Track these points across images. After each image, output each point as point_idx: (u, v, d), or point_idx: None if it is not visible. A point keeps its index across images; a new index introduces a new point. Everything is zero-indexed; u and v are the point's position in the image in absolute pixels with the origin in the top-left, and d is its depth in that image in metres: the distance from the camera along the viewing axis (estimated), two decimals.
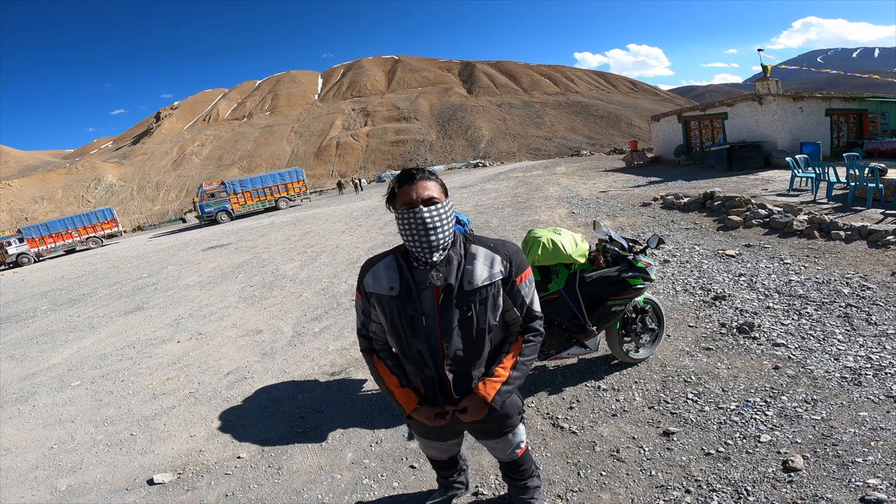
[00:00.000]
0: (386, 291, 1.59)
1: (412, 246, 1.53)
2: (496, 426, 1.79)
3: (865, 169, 7.10)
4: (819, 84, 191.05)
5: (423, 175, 1.54)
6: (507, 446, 1.89)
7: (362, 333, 1.73)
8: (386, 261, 1.63)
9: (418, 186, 1.51)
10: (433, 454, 2.10)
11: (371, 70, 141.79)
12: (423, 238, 1.49)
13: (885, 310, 3.80)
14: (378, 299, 1.61)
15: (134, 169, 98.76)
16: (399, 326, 1.59)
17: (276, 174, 28.86)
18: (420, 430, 1.89)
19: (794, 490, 2.15)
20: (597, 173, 18.20)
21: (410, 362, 1.65)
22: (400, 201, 1.53)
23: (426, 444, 2.02)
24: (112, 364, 5.28)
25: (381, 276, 1.61)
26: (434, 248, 1.51)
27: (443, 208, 1.52)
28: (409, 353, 1.62)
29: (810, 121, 14.48)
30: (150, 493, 2.85)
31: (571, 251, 3.08)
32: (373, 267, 1.65)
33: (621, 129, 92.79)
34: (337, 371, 4.16)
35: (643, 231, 7.63)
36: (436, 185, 1.55)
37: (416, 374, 1.65)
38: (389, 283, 1.59)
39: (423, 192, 1.51)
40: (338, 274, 7.85)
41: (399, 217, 1.52)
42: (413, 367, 1.65)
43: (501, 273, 1.59)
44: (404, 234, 1.52)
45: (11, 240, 23.20)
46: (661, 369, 3.38)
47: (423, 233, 1.48)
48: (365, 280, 1.65)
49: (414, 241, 1.51)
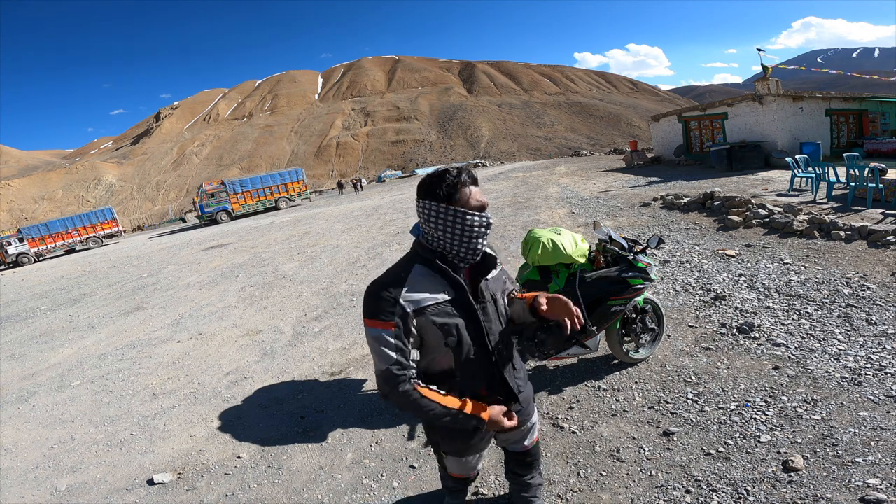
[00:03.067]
0: (444, 296, 1.49)
1: (459, 248, 1.49)
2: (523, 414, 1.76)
3: (865, 169, 7.10)
4: (819, 84, 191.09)
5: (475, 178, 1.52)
6: (524, 434, 1.86)
7: (402, 365, 1.43)
8: (417, 270, 1.50)
9: (480, 191, 1.51)
10: (466, 472, 1.99)
11: (371, 70, 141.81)
12: (477, 241, 1.49)
13: (885, 310, 3.80)
14: (435, 310, 1.47)
15: (134, 169, 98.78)
16: (469, 329, 1.52)
17: (276, 174, 28.87)
18: (462, 448, 1.77)
19: (794, 490, 2.15)
20: (597, 173, 18.20)
21: (469, 369, 1.56)
22: (471, 204, 1.47)
23: (464, 463, 1.92)
24: (112, 364, 5.28)
25: (427, 285, 1.48)
26: (478, 253, 1.53)
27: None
28: (474, 356, 1.55)
29: (810, 121, 14.48)
30: (150, 492, 2.85)
31: (571, 251, 3.08)
32: (405, 283, 1.47)
33: (621, 129, 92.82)
34: (337, 371, 4.16)
35: (643, 231, 7.63)
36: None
37: (478, 378, 1.58)
38: (442, 287, 1.49)
39: (483, 197, 1.51)
40: (338, 274, 7.85)
41: (456, 218, 1.45)
42: (474, 372, 1.57)
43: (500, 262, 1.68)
44: (457, 235, 1.47)
45: (11, 240, 23.22)
46: (661, 369, 3.38)
47: (480, 237, 1.49)
48: (401, 300, 1.43)
49: (466, 243, 1.48)
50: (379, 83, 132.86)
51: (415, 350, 1.49)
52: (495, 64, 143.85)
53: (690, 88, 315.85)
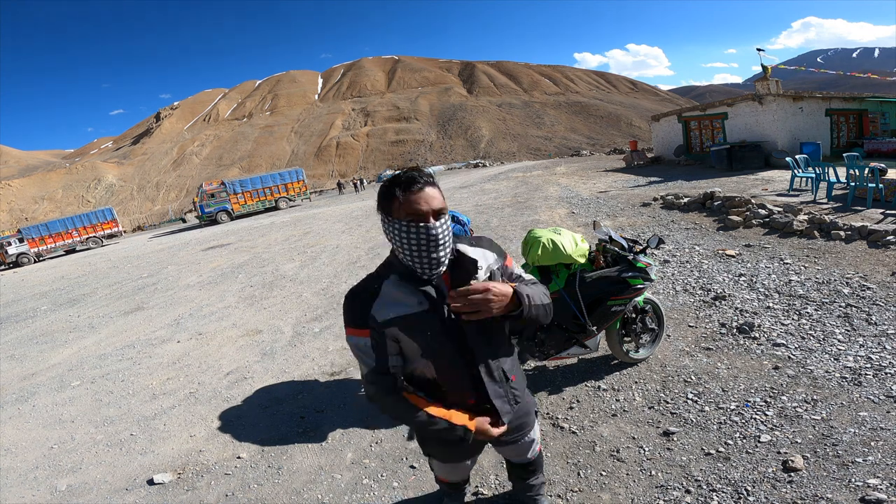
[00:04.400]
0: (415, 309, 1.39)
1: (412, 261, 1.36)
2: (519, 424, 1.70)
3: (865, 169, 7.10)
4: (819, 84, 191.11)
5: (427, 181, 1.35)
6: (525, 448, 1.81)
7: (380, 372, 1.44)
8: (390, 281, 1.43)
9: (427, 196, 1.32)
10: (452, 478, 1.97)
11: (371, 70, 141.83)
12: (429, 254, 1.34)
13: (885, 310, 3.80)
14: (405, 322, 1.40)
15: (134, 169, 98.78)
16: (444, 340, 1.43)
17: (276, 174, 28.88)
18: (448, 455, 1.76)
19: (794, 490, 2.15)
20: (597, 173, 18.20)
21: (452, 379, 1.51)
22: (404, 211, 1.32)
23: (450, 470, 1.89)
24: (112, 364, 5.28)
25: (398, 297, 1.40)
26: (439, 264, 1.38)
27: (448, 220, 1.38)
28: (455, 367, 1.49)
29: (810, 121, 14.48)
30: (150, 493, 2.85)
31: (571, 251, 3.08)
32: (378, 294, 1.42)
33: (621, 129, 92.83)
34: (337, 371, 4.16)
35: (643, 231, 7.63)
36: (439, 192, 1.38)
37: (464, 387, 1.52)
38: (414, 298, 1.40)
39: (433, 202, 1.33)
40: (338, 274, 7.85)
41: (399, 229, 1.33)
42: (459, 382, 1.51)
43: (495, 262, 1.51)
44: (406, 249, 1.35)
45: (11, 240, 23.23)
46: (661, 369, 3.38)
47: (431, 249, 1.33)
48: (373, 312, 1.40)
49: (416, 256, 1.35)
50: (379, 83, 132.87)
51: (398, 357, 1.46)
52: (495, 64, 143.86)
53: (690, 88, 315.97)
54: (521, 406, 1.67)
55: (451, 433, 1.48)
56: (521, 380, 1.68)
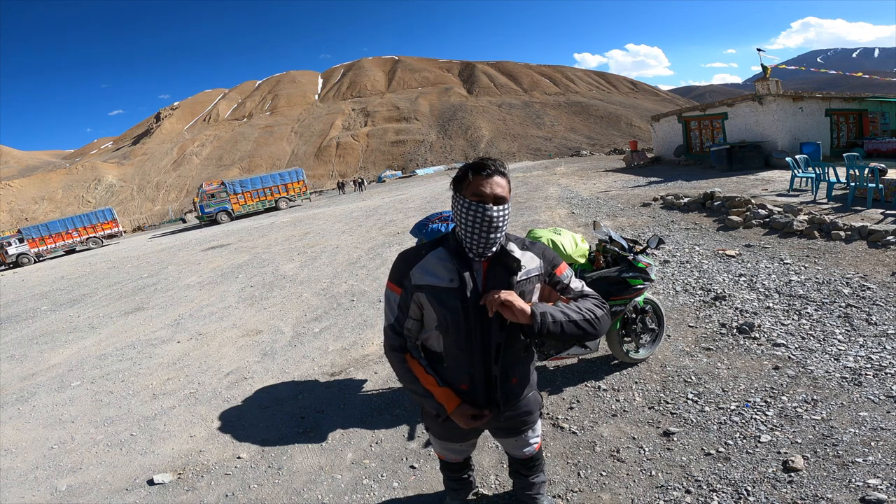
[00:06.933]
0: (445, 283, 1.51)
1: (468, 238, 1.49)
2: (518, 422, 1.77)
3: (865, 169, 7.10)
4: (819, 84, 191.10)
5: (496, 169, 1.49)
6: (524, 443, 1.87)
7: (396, 330, 1.62)
8: (437, 252, 1.56)
9: (493, 182, 1.47)
10: (449, 456, 2.04)
11: (371, 70, 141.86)
12: (484, 235, 1.47)
13: (885, 310, 3.80)
14: (432, 292, 1.53)
15: (134, 169, 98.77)
16: (459, 320, 1.52)
17: (276, 174, 28.89)
18: (441, 432, 1.83)
19: (794, 490, 2.15)
20: (597, 173, 18.20)
21: (455, 359, 1.60)
22: (470, 191, 1.47)
23: (444, 447, 1.96)
24: (112, 364, 5.28)
25: (436, 268, 1.54)
26: (492, 246, 1.50)
27: (509, 209, 1.50)
28: (459, 349, 1.57)
29: (810, 121, 14.48)
30: (150, 493, 2.85)
31: (571, 251, 3.08)
32: (421, 259, 1.56)
33: (621, 129, 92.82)
34: (337, 371, 4.16)
35: (643, 231, 7.63)
36: (506, 183, 1.50)
37: (461, 371, 1.60)
38: (449, 274, 1.52)
39: (497, 188, 1.47)
40: (338, 274, 7.85)
41: (464, 207, 1.47)
42: (458, 364, 1.60)
43: (538, 269, 1.59)
44: (464, 225, 1.48)
45: (11, 240, 23.24)
46: (661, 369, 3.38)
47: (486, 230, 1.46)
48: (412, 273, 1.55)
49: (473, 235, 1.47)
50: (379, 83, 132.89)
51: (415, 321, 1.61)
52: (495, 64, 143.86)
53: (690, 88, 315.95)
54: (522, 404, 1.74)
55: (429, 405, 1.61)
56: (524, 383, 1.73)
